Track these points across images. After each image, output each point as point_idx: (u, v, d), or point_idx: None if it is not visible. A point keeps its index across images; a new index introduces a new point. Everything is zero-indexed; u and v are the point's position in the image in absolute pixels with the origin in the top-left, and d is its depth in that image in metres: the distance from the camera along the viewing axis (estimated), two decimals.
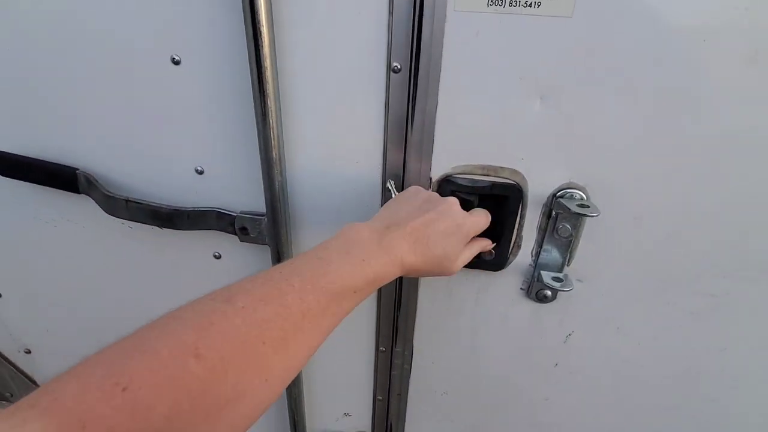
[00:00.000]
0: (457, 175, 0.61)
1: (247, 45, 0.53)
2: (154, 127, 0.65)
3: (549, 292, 0.67)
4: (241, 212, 0.67)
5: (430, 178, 0.62)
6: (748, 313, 0.64)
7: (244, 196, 0.68)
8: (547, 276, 0.64)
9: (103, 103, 0.65)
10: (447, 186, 0.61)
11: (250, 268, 0.75)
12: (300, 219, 0.69)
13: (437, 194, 0.56)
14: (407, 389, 0.83)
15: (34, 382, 1.02)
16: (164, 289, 0.82)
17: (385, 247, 0.45)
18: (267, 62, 0.54)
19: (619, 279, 0.65)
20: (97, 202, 0.68)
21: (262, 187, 0.63)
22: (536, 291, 0.68)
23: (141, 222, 0.67)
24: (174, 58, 0.59)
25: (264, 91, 0.55)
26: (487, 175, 0.60)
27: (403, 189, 0.62)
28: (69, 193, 0.72)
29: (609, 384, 0.76)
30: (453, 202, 0.53)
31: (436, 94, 0.56)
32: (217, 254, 0.75)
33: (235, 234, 0.68)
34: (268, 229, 0.66)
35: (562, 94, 0.54)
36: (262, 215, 0.66)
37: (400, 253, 0.45)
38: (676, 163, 0.55)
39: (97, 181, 0.67)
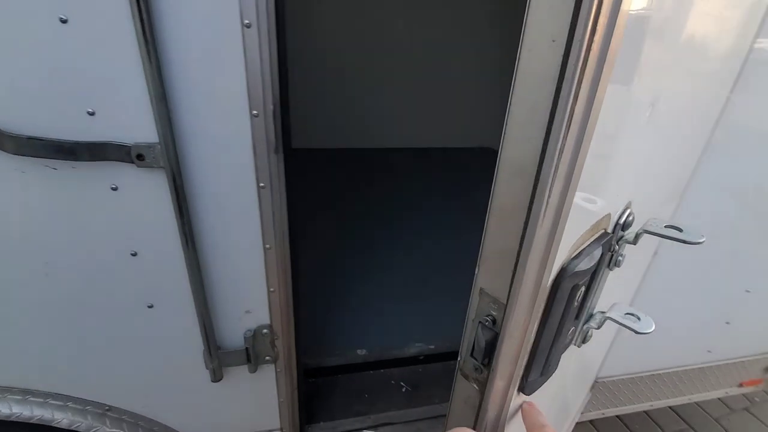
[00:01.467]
0: (574, 258, 0.42)
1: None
2: (46, 79, 0.79)
3: (595, 331, 0.57)
4: (136, 143, 0.85)
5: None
6: None
7: (133, 131, 0.86)
8: (617, 313, 0.52)
9: None
10: (567, 282, 0.42)
11: (146, 196, 0.92)
12: (185, 145, 0.89)
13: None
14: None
15: None
16: (63, 231, 0.94)
17: None
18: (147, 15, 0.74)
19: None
20: None
21: (153, 119, 0.82)
22: (583, 336, 0.58)
23: (45, 157, 0.80)
24: (61, 18, 0.75)
25: (147, 38, 0.75)
26: (593, 236, 0.44)
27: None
28: None
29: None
30: None
31: (590, 109, 0.35)
32: (114, 186, 0.91)
33: (133, 162, 0.85)
34: (162, 153, 0.85)
35: (665, 103, 0.42)
36: (156, 143, 0.85)
37: None
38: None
39: None
